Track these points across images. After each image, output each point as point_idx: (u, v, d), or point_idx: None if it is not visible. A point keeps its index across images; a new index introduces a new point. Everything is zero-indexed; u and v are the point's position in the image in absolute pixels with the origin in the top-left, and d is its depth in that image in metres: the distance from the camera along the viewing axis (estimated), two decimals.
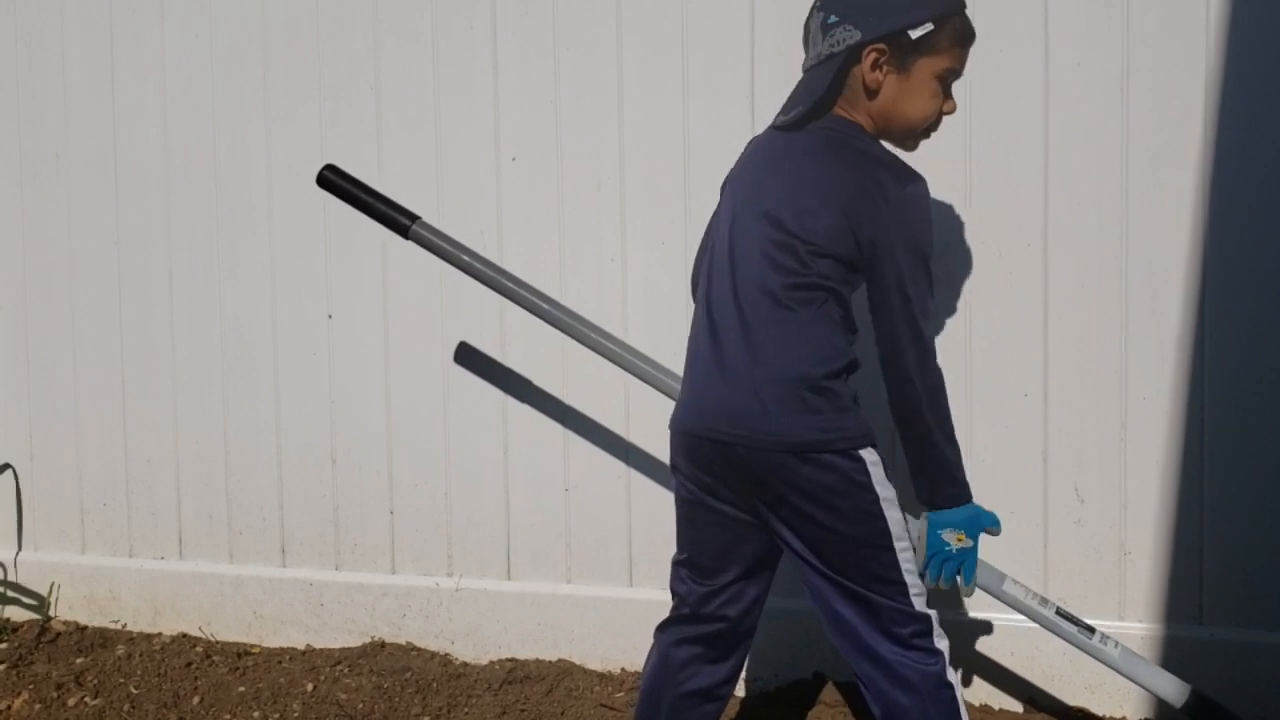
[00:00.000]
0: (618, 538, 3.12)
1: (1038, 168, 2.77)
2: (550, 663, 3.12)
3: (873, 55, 1.95)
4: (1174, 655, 2.72)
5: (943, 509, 2.00)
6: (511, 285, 2.57)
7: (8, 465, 3.65)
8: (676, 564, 2.15)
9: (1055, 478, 2.80)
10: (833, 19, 1.98)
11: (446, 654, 3.22)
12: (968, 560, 2.02)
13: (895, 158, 1.98)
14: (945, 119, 2.07)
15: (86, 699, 2.99)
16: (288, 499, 3.40)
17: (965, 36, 2.01)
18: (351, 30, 3.24)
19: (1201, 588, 2.73)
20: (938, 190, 2.68)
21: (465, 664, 3.17)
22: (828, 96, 2.00)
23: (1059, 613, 2.30)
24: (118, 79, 3.46)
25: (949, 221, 2.82)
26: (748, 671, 2.99)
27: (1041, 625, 2.31)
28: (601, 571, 3.15)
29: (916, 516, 2.07)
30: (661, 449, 3.02)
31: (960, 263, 2.82)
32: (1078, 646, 2.29)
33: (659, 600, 3.03)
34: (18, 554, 3.65)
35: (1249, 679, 2.67)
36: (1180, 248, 2.70)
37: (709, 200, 2.26)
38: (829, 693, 2.87)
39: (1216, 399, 2.70)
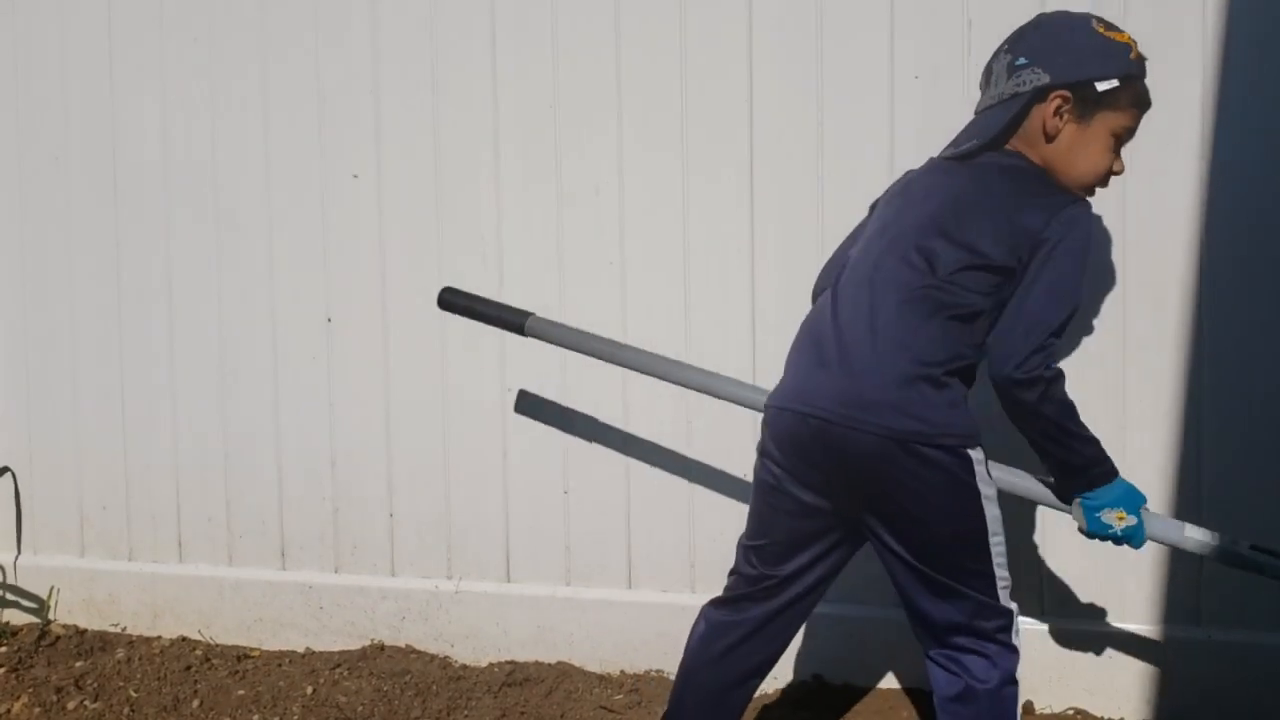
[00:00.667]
0: (617, 540, 3.13)
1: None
2: (550, 665, 3.12)
3: (1057, 101, 2.02)
4: (1172, 656, 2.72)
5: (1095, 489, 2.03)
6: (636, 357, 2.62)
7: (7, 468, 3.65)
8: (746, 548, 2.17)
9: None
10: (1022, 61, 2.05)
11: (446, 656, 3.22)
12: (1135, 534, 2.05)
13: (1060, 184, 2.06)
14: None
15: (86, 702, 3.00)
16: (287, 502, 3.40)
17: (1143, 101, 2.09)
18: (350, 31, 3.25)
19: (1200, 589, 2.74)
20: None
21: (465, 666, 3.17)
22: (1003, 134, 2.08)
23: (1253, 547, 2.19)
24: (116, 81, 3.46)
25: None
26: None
27: (1243, 567, 2.20)
28: (601, 574, 3.15)
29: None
30: (661, 452, 3.03)
31: None
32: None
33: (658, 602, 3.06)
34: (17, 557, 3.64)
35: (1247, 680, 2.67)
36: (1179, 248, 2.70)
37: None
38: (828, 696, 2.87)
39: (1215, 402, 2.70)
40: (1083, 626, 2.79)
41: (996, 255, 1.95)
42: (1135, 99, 2.07)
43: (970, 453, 1.97)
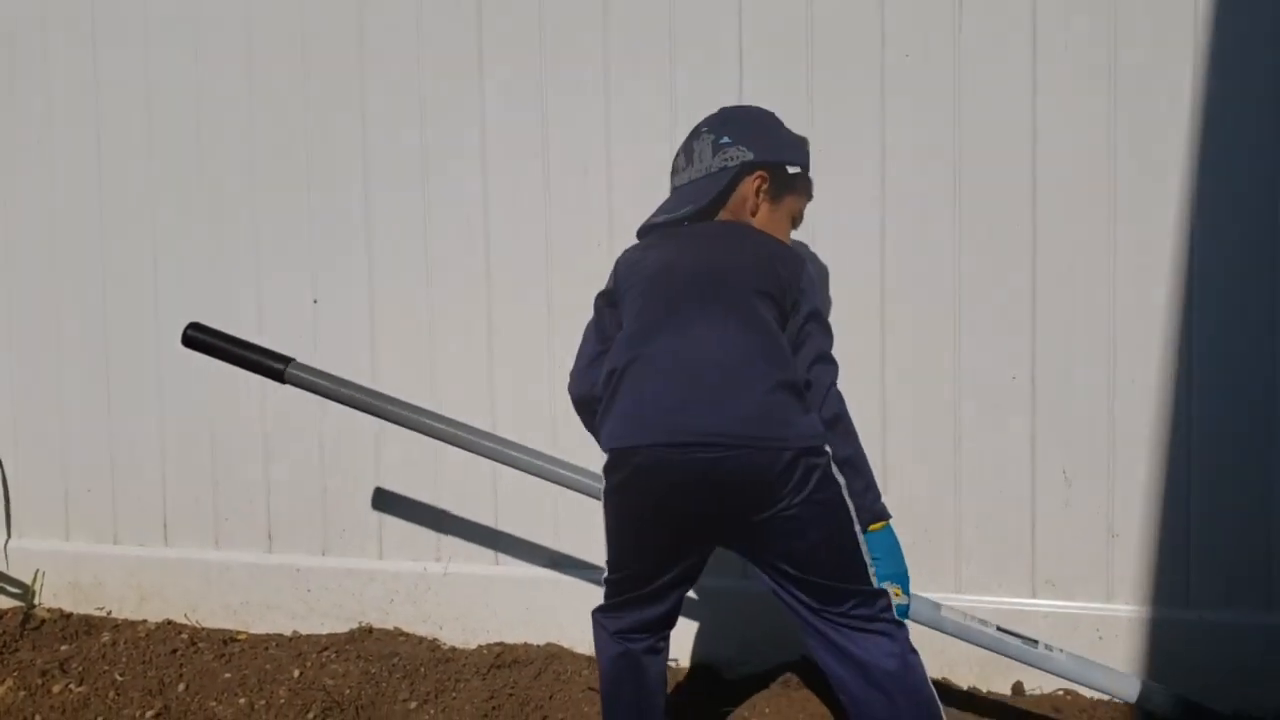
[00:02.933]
0: (603, 522, 3.10)
1: (1025, 151, 2.76)
2: (539, 647, 3.11)
3: (757, 181, 2.28)
4: (1161, 637, 2.72)
5: (878, 523, 2.17)
6: (394, 409, 2.67)
7: None
8: (616, 579, 2.21)
9: (1043, 460, 2.80)
10: (726, 140, 2.29)
11: (435, 639, 3.21)
12: (900, 610, 2.16)
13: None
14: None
15: (71, 686, 2.97)
16: (274, 484, 3.38)
17: (811, 192, 2.42)
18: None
19: (1189, 569, 2.74)
20: (936, 169, 2.68)
21: (453, 648, 3.16)
22: (718, 200, 2.29)
23: (1000, 629, 2.37)
24: (100, 62, 3.43)
25: (939, 204, 2.81)
26: (734, 656, 2.99)
27: (984, 646, 2.37)
28: (589, 556, 3.14)
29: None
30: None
31: (950, 246, 2.81)
32: (1025, 661, 2.37)
33: None
34: (6, 541, 3.62)
35: (1236, 660, 2.67)
36: (1168, 226, 2.70)
37: None
38: (814, 676, 2.86)
39: (1204, 382, 2.70)
40: (1073, 608, 2.79)
41: (776, 293, 2.14)
42: (809, 188, 2.41)
43: (828, 449, 2.08)
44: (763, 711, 2.70)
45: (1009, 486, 2.82)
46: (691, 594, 2.85)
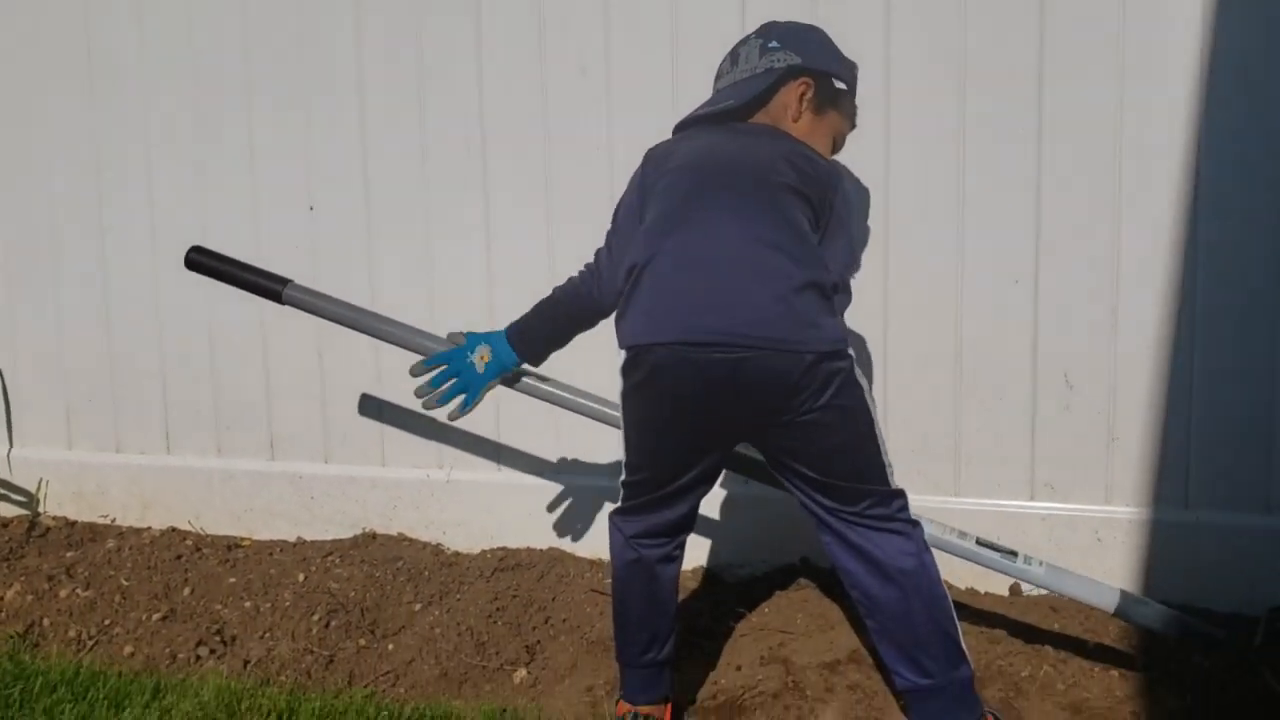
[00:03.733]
0: (606, 430, 3.10)
1: (1032, 56, 2.71)
2: (541, 551, 3.14)
3: (802, 87, 2.25)
4: (1160, 539, 2.74)
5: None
6: (392, 330, 2.67)
7: None
8: (635, 481, 2.19)
9: (1045, 364, 2.79)
10: (774, 44, 2.26)
11: (438, 544, 3.23)
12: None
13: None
14: None
15: (78, 591, 3.00)
16: (274, 393, 3.38)
17: (854, 120, 2.40)
18: None
19: (1189, 472, 2.75)
20: (946, 76, 2.63)
21: (457, 553, 3.19)
22: (758, 100, 2.25)
23: (979, 542, 2.37)
24: None
25: (944, 112, 2.77)
26: (735, 558, 3.01)
27: (964, 558, 2.38)
28: (591, 462, 3.15)
29: None
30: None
31: (954, 150, 2.77)
32: (1004, 572, 2.38)
33: None
34: (9, 451, 3.63)
35: (1234, 562, 2.69)
36: (1176, 131, 2.66)
37: None
38: (816, 577, 2.90)
39: (1208, 285, 2.68)
40: (1071, 511, 2.81)
41: (813, 198, 2.11)
42: (853, 113, 2.39)
43: (851, 353, 2.05)
44: (763, 611, 2.73)
45: (1009, 390, 2.82)
46: None
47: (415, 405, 3.19)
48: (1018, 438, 2.83)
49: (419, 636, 2.72)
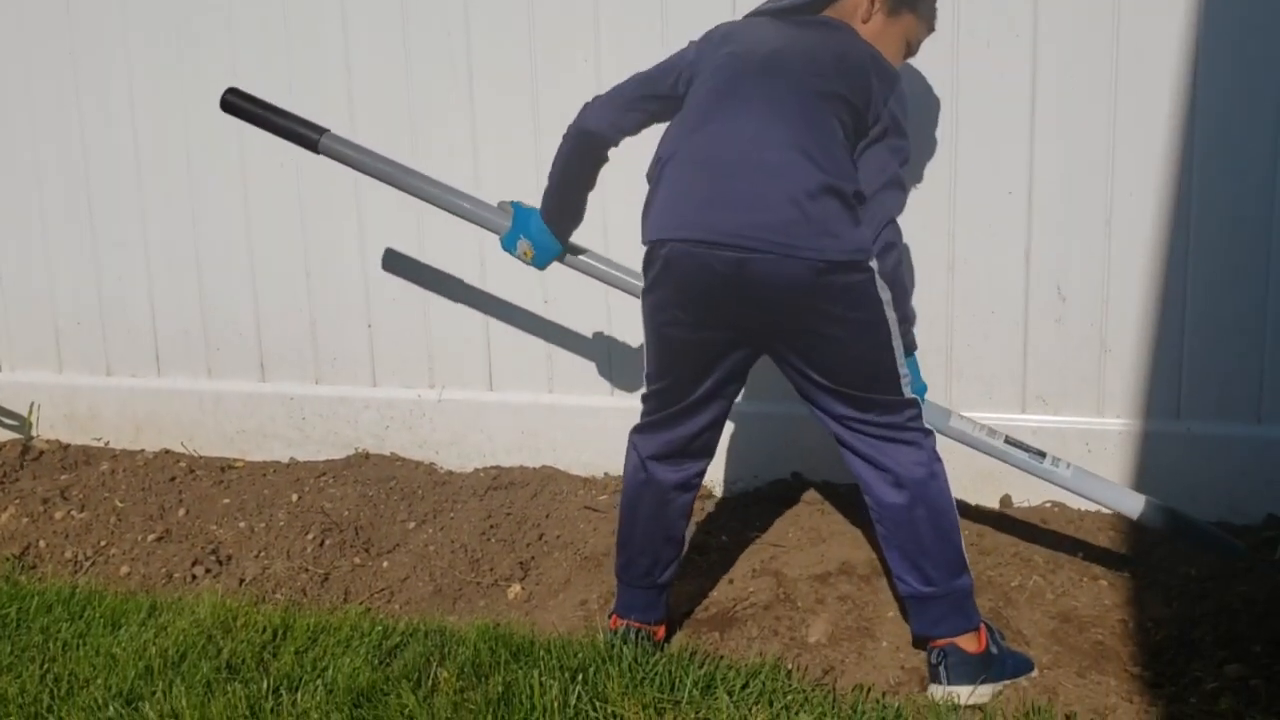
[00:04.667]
0: (598, 347, 3.11)
1: None
2: (534, 469, 3.15)
3: None
4: (1151, 450, 2.75)
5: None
6: (435, 191, 2.57)
7: None
8: (656, 391, 2.17)
9: (1037, 276, 2.77)
10: None
11: (431, 463, 3.24)
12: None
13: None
14: None
15: (73, 512, 3.01)
16: (263, 314, 3.36)
17: (933, 24, 2.32)
18: None
19: (1180, 383, 2.75)
20: None
21: (450, 472, 3.20)
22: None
23: (1008, 441, 2.36)
24: None
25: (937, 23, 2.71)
26: (727, 474, 3.02)
27: (993, 455, 2.38)
28: (583, 381, 3.14)
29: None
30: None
31: (946, 54, 2.72)
32: (1030, 471, 2.37)
33: (639, 408, 3.04)
34: None
35: (1224, 472, 2.70)
36: (1172, 37, 2.61)
37: None
38: (807, 492, 2.91)
39: (1203, 195, 2.65)
40: (1062, 423, 2.81)
41: (858, 102, 2.05)
42: (932, 16, 2.30)
43: (873, 264, 2.00)
44: (754, 526, 2.75)
45: (1002, 303, 2.81)
46: None
47: (404, 324, 3.20)
48: (1010, 351, 2.82)
49: (413, 554, 2.73)
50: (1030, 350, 2.81)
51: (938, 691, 2.04)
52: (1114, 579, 2.48)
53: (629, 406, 3.05)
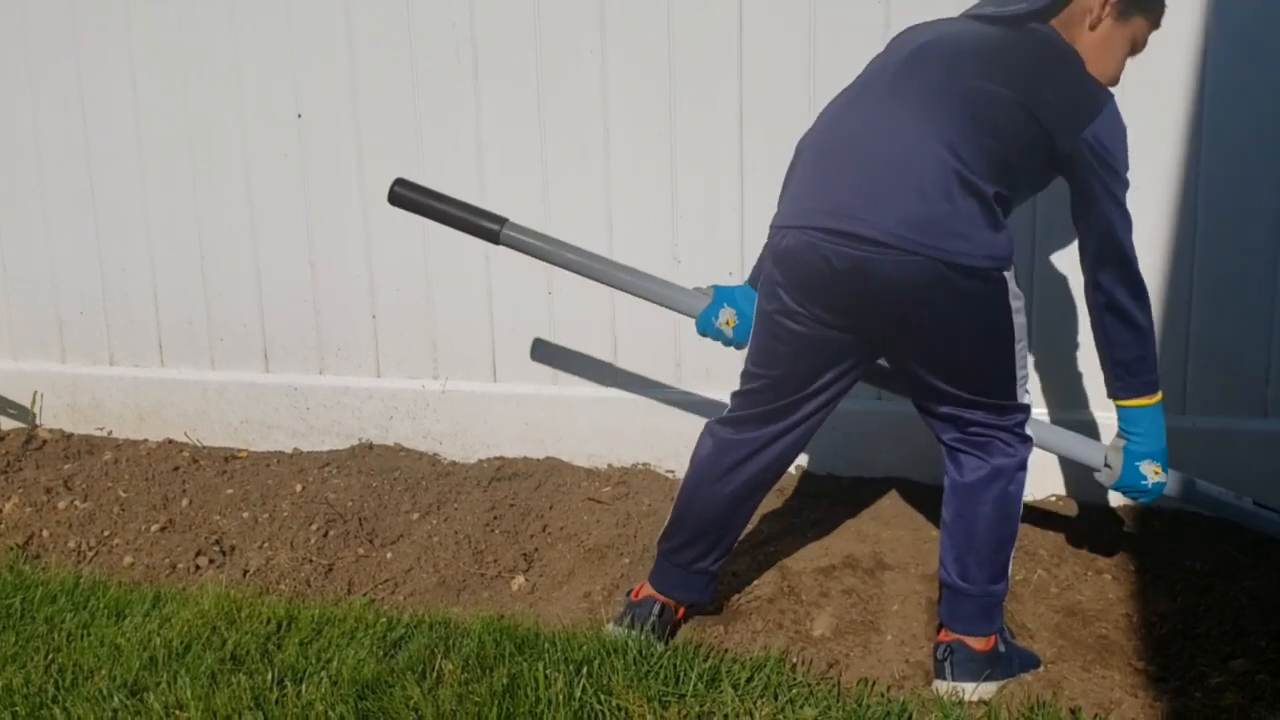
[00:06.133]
0: (602, 339, 3.10)
1: None
2: (538, 460, 3.15)
3: None
4: None
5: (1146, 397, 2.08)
6: (611, 271, 2.45)
7: None
8: (751, 376, 2.12)
9: (1043, 269, 2.76)
10: None
11: (435, 454, 3.24)
12: (1159, 490, 2.15)
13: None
14: None
15: (76, 502, 3.01)
16: (267, 304, 3.35)
17: (1160, 20, 2.12)
18: None
19: (1186, 377, 2.74)
20: None
21: (454, 463, 3.20)
22: (1053, 6, 1.98)
23: (1256, 504, 2.31)
24: None
25: None
26: None
27: (1237, 520, 2.35)
28: (587, 372, 3.14)
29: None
30: (643, 254, 2.93)
31: None
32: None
33: (644, 399, 3.06)
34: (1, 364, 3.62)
35: (1227, 466, 2.68)
36: (1183, 34, 2.60)
37: None
38: (812, 485, 2.91)
39: (1208, 197, 2.65)
40: (1069, 416, 2.80)
41: (1041, 113, 1.90)
42: (1160, 14, 2.11)
43: (1006, 274, 1.94)
44: (760, 518, 2.74)
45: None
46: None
47: (408, 314, 3.20)
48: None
49: (417, 545, 2.73)
50: (1038, 347, 2.80)
51: (942, 686, 2.04)
52: (1119, 573, 2.48)
53: (633, 398, 3.08)
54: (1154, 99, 2.63)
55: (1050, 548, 2.58)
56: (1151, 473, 2.11)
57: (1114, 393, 2.09)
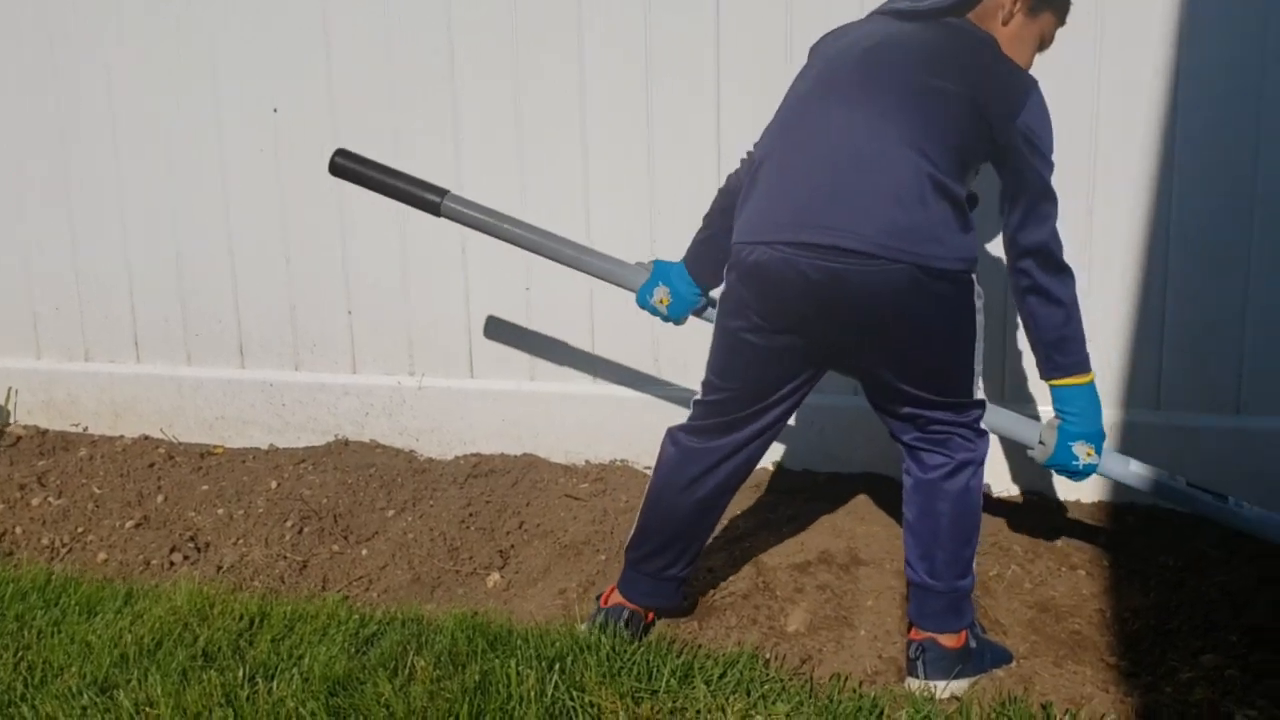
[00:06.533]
0: (580, 336, 3.10)
1: None
2: (515, 457, 3.14)
3: None
4: (1131, 439, 2.75)
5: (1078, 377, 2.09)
6: (550, 244, 2.47)
7: None
8: (711, 388, 2.12)
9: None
10: None
11: (411, 451, 3.23)
12: (1090, 470, 2.17)
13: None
14: None
15: (50, 499, 2.99)
16: (243, 300, 3.33)
17: (1066, 15, 2.16)
18: None
19: (1160, 373, 2.75)
20: None
21: (430, 460, 3.19)
22: (967, 2, 2.03)
23: (1190, 485, 2.31)
24: None
25: None
26: None
27: (1173, 501, 2.37)
28: (564, 369, 3.13)
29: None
30: (621, 246, 2.93)
31: None
32: (1211, 515, 2.32)
33: (622, 396, 3.07)
34: None
35: (1199, 459, 2.70)
36: (1154, 26, 2.61)
37: None
38: (788, 481, 2.92)
39: (1183, 195, 2.66)
40: (1044, 413, 2.81)
41: (983, 106, 1.93)
42: (1066, 11, 2.15)
43: (973, 277, 1.96)
44: (736, 515, 2.74)
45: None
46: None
47: (385, 310, 3.19)
48: (989, 344, 2.81)
49: (392, 542, 2.72)
50: (1009, 348, 2.81)
51: (915, 684, 2.05)
52: (1092, 569, 2.49)
53: (611, 395, 3.07)
54: (1128, 100, 2.64)
55: (1024, 543, 2.59)
56: (1083, 453, 2.13)
57: (1046, 373, 2.11)
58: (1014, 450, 2.81)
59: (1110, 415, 2.77)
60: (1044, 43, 2.15)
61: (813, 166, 1.94)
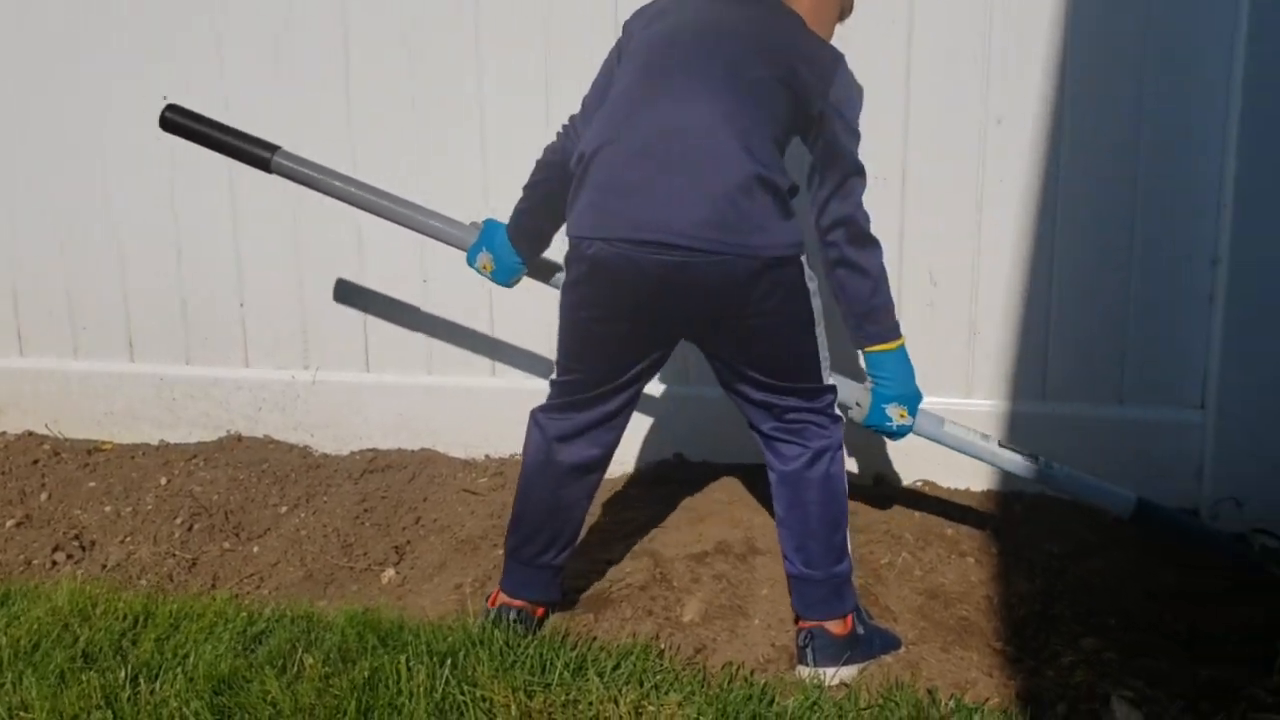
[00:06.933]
0: (479, 327, 3.08)
1: None
2: (412, 452, 3.11)
3: None
4: (1018, 429, 2.81)
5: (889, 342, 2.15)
6: (381, 201, 2.48)
7: None
8: (563, 370, 2.14)
9: (910, 261, 2.82)
10: None
11: (306, 446, 3.17)
12: (905, 431, 2.24)
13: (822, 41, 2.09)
14: None
15: None
16: (132, 292, 3.24)
17: None
18: None
19: (1046, 365, 2.82)
20: None
21: (325, 455, 3.14)
22: None
23: (1001, 445, 2.39)
24: None
25: None
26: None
27: (985, 461, 2.43)
28: (463, 361, 3.11)
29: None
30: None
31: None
32: (1025, 474, 2.39)
33: (522, 388, 3.04)
34: None
35: (1088, 450, 2.77)
36: (1044, 19, 2.66)
37: None
38: (688, 473, 2.93)
39: (1069, 182, 2.73)
40: (933, 404, 2.85)
41: (797, 89, 1.99)
42: None
43: (803, 259, 2.01)
44: (635, 506, 2.76)
45: None
46: None
47: (278, 303, 3.13)
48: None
49: (284, 539, 2.68)
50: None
51: (804, 671, 2.08)
52: (981, 556, 2.54)
53: (511, 387, 3.05)
54: (1015, 96, 2.70)
55: (915, 531, 2.63)
56: (897, 415, 2.21)
57: (857, 341, 2.16)
58: (907, 441, 2.86)
59: (997, 406, 2.84)
60: (844, 12, 2.22)
61: (644, 162, 1.96)
